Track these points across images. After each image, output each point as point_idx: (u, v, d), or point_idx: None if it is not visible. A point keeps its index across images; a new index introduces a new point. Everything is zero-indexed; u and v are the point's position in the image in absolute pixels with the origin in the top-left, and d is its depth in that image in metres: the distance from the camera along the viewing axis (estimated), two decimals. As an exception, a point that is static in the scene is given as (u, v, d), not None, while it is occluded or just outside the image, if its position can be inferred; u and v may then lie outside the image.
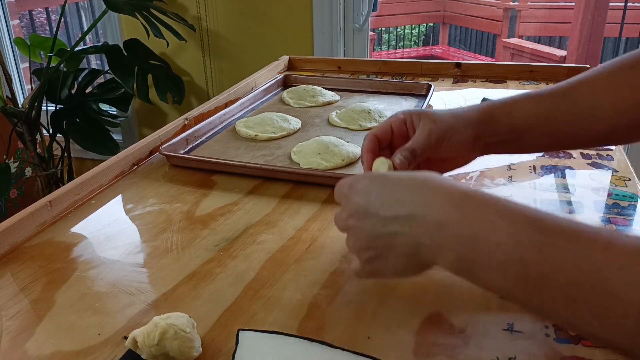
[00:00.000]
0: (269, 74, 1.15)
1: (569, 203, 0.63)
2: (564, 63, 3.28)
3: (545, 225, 0.37)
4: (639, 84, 0.54)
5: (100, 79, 2.03)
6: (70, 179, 2.00)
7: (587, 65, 1.02)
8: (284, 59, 1.23)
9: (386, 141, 0.57)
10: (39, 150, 1.91)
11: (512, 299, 0.39)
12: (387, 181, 0.45)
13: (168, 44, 1.87)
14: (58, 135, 1.93)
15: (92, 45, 2.23)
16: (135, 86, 1.84)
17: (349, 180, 0.47)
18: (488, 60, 4.22)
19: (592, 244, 0.35)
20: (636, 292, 0.32)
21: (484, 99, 0.86)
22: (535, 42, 3.93)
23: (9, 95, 1.92)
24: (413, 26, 4.82)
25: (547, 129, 0.56)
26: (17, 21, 2.70)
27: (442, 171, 0.57)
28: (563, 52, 3.51)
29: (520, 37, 3.96)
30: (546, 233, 0.36)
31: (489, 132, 0.56)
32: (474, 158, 0.58)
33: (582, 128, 0.55)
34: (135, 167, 0.76)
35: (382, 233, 0.43)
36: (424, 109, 0.66)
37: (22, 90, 2.41)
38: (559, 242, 0.35)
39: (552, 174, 0.70)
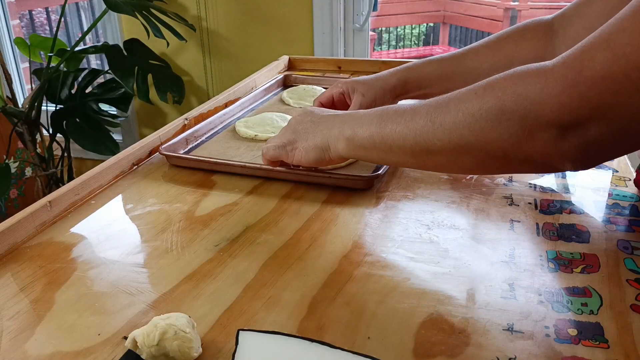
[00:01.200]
0: (269, 74, 1.15)
1: (569, 203, 0.63)
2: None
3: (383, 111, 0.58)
4: (509, 51, 0.73)
5: (100, 79, 2.03)
6: (70, 179, 2.00)
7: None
8: (284, 59, 1.23)
9: (329, 107, 0.76)
10: (39, 150, 1.91)
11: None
12: (318, 109, 0.67)
13: (168, 44, 1.87)
14: (58, 135, 1.93)
15: (92, 45, 2.23)
16: (135, 86, 1.84)
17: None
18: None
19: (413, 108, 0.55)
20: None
21: None
22: (535, 42, 3.93)
23: (9, 95, 1.93)
24: (413, 26, 4.82)
25: (445, 86, 0.73)
26: (17, 21, 2.71)
27: None
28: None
29: (521, 36, 3.96)
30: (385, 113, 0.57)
31: (404, 92, 0.78)
32: None
33: (469, 84, 0.72)
34: (135, 167, 0.76)
35: (313, 121, 0.63)
36: (358, 79, 0.80)
37: (22, 90, 2.41)
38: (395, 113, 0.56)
39: (553, 174, 0.70)
